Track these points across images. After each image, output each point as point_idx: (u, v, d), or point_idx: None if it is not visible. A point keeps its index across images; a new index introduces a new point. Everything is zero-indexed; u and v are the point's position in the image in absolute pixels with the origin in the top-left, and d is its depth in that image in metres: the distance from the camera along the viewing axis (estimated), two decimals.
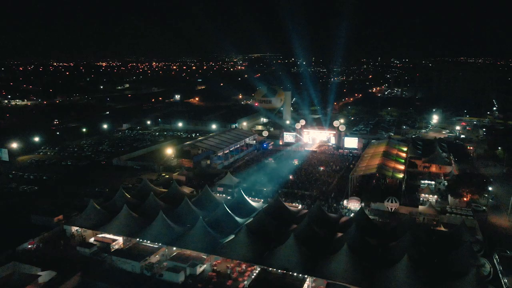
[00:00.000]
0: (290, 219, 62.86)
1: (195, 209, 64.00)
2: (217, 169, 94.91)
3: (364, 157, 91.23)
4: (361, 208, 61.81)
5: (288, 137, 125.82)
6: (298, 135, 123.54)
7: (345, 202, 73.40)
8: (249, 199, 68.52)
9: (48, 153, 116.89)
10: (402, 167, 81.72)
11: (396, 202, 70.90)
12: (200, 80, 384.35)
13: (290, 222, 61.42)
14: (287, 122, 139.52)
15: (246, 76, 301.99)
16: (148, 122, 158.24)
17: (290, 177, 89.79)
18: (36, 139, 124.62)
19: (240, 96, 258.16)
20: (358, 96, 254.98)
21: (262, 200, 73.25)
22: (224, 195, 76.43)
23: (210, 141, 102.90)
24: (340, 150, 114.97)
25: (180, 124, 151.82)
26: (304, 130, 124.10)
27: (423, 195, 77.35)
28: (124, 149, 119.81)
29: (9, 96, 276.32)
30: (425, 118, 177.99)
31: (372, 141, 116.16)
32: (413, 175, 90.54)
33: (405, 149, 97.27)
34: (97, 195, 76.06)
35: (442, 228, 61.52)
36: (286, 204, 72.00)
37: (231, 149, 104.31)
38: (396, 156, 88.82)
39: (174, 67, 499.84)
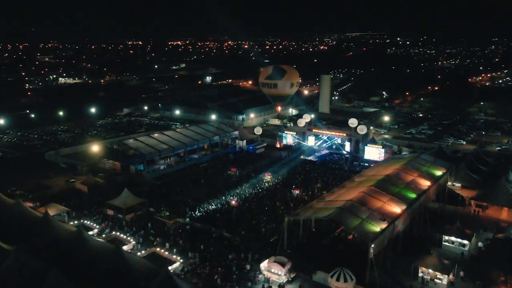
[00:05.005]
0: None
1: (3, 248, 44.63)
2: (145, 178, 74.29)
3: (351, 182, 60.21)
4: None
5: (289, 138, 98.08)
6: (299, 138, 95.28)
7: (263, 264, 46.06)
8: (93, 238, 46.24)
9: (5, 137, 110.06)
10: (398, 209, 49.61)
11: (348, 280, 41.31)
12: (267, 61, 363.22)
13: None
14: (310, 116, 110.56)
15: (315, 60, 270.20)
16: (145, 108, 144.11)
17: (233, 202, 64.46)
18: (1, 121, 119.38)
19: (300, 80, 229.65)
20: (447, 84, 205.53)
21: (134, 242, 50.57)
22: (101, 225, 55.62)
23: (152, 138, 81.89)
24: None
25: (177, 112, 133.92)
26: (309, 129, 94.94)
27: (424, 269, 45.25)
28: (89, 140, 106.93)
29: (64, 74, 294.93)
30: None
31: (404, 153, 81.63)
32: (449, 218, 57.35)
33: (438, 173, 62.65)
34: None
35: None
36: (167, 255, 48.57)
37: (179, 151, 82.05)
38: (406, 186, 55.91)
39: (246, 46, 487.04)
